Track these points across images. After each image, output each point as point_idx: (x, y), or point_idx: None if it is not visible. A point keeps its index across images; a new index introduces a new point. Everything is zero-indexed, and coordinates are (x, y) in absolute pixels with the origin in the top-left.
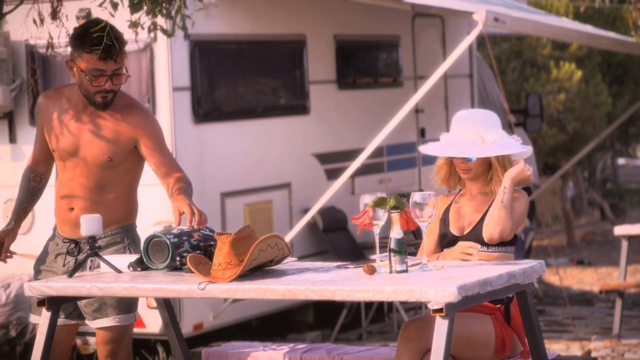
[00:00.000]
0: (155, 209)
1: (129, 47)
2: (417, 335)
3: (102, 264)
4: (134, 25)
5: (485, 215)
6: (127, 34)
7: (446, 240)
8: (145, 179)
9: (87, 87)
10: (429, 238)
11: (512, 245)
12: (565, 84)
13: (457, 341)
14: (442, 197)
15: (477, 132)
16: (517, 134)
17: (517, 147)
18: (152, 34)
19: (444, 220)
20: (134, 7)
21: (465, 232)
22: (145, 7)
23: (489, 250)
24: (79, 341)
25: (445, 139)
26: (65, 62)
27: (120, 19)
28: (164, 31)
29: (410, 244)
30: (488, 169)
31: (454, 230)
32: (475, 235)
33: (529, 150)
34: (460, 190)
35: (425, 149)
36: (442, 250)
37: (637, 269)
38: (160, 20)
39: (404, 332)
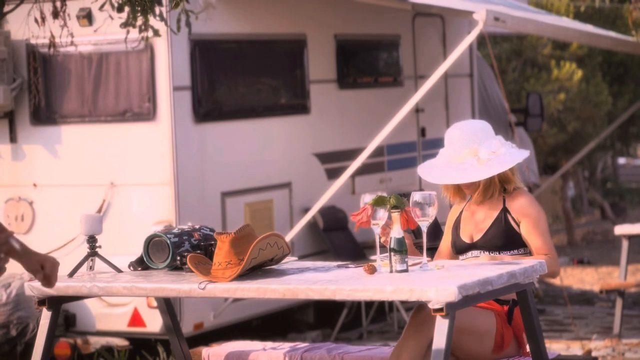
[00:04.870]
0: (156, 208)
1: (129, 47)
2: (428, 321)
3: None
4: (126, 25)
5: (495, 221)
6: (120, 34)
7: (457, 248)
8: (145, 179)
9: None
10: (444, 243)
11: (524, 246)
12: (566, 84)
13: (458, 331)
14: (454, 206)
15: (471, 152)
16: (517, 134)
17: (512, 159)
18: (143, 34)
19: (456, 228)
20: (119, 8)
21: (475, 240)
22: (133, 10)
23: (501, 254)
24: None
25: (442, 160)
26: None
27: (115, 19)
28: (155, 31)
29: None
30: (493, 179)
31: (464, 237)
32: (484, 242)
33: (523, 154)
34: (471, 197)
35: (424, 174)
36: (457, 256)
37: (637, 269)
38: (155, 20)
39: (416, 316)
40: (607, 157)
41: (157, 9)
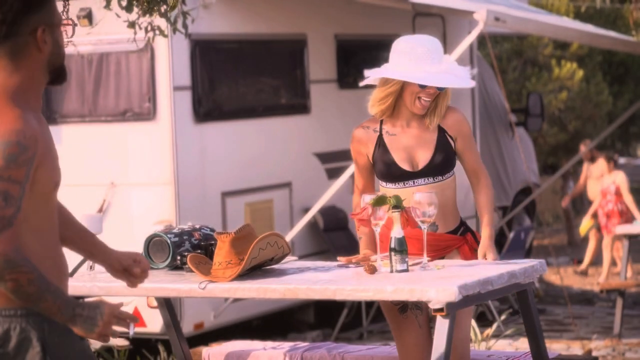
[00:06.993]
0: (156, 208)
1: (129, 47)
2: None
3: None
4: (132, 25)
5: (438, 145)
6: (120, 34)
7: (394, 175)
8: (145, 179)
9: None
10: (362, 175)
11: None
12: (566, 83)
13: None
14: (360, 130)
15: (447, 63)
16: (517, 133)
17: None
18: (149, 34)
19: (384, 152)
20: (127, 7)
21: (420, 168)
22: (140, 8)
23: (444, 179)
24: None
25: (421, 71)
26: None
27: (120, 19)
28: (161, 32)
29: None
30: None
31: (402, 164)
32: (429, 168)
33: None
34: (382, 121)
35: (412, 77)
36: (386, 185)
37: (638, 269)
38: (160, 21)
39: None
40: None
41: (162, 8)
